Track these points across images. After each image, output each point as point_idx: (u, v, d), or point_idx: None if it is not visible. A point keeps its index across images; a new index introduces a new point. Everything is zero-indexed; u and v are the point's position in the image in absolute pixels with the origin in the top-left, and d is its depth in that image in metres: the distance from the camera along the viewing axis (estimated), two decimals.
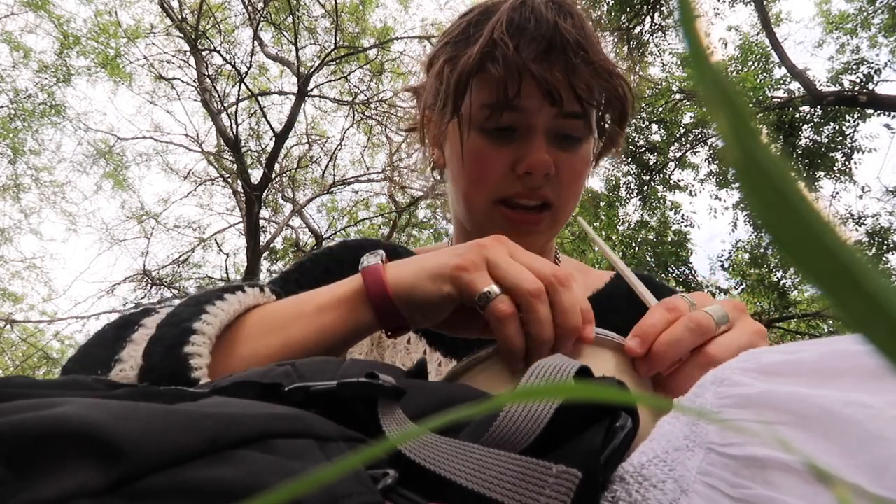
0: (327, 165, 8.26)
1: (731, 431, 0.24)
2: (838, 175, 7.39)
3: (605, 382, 0.31)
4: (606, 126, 0.73)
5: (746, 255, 8.22)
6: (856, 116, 7.05)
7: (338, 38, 6.70)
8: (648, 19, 7.39)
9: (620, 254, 8.09)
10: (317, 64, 6.69)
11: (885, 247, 6.94)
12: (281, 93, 7.87)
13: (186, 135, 7.98)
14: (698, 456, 0.25)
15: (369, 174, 8.49)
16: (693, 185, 8.26)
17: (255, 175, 6.58)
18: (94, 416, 0.20)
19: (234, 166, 6.93)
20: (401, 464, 0.25)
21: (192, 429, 0.21)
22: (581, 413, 0.28)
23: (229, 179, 7.84)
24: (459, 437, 0.27)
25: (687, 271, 7.65)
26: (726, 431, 0.25)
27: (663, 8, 7.02)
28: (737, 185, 0.07)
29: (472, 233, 0.74)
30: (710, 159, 7.89)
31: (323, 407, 0.29)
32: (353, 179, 8.47)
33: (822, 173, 7.38)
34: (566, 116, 0.65)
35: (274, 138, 6.32)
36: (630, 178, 8.08)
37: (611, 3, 7.31)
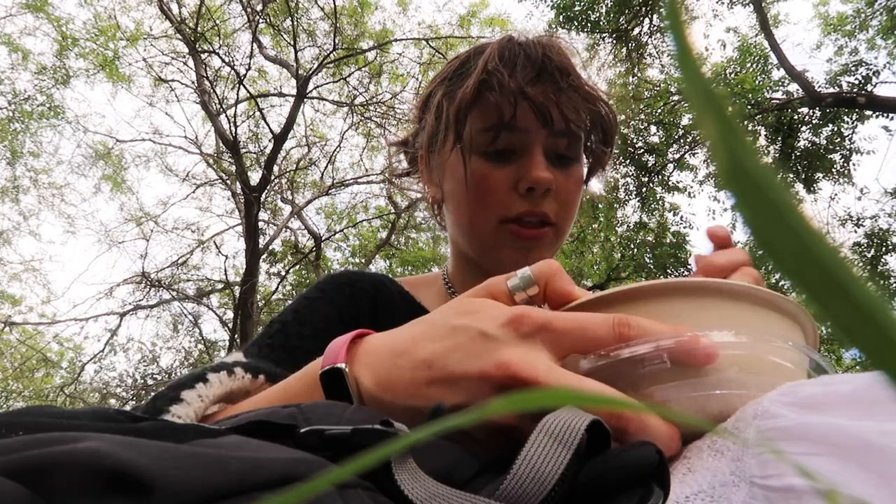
0: (326, 167, 8.26)
1: (771, 464, 0.25)
2: (837, 177, 7.41)
3: (643, 448, 0.29)
4: (593, 147, 0.77)
5: None
6: (854, 118, 7.07)
7: (336, 41, 6.70)
8: (647, 21, 7.41)
9: (619, 255, 8.10)
10: (316, 66, 6.69)
11: (883, 248, 6.95)
12: (280, 94, 7.87)
13: (185, 137, 7.99)
14: (743, 490, 0.25)
15: (368, 176, 8.50)
16: (692, 187, 8.27)
17: (255, 177, 6.58)
18: (126, 454, 0.20)
19: (233, 168, 6.93)
20: None
21: (221, 470, 0.21)
22: (610, 480, 0.28)
23: (228, 181, 7.84)
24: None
25: (686, 273, 7.66)
26: (766, 464, 0.25)
27: (661, 10, 7.03)
28: (725, 191, 0.07)
29: (477, 263, 0.76)
30: (708, 161, 7.90)
31: (333, 452, 0.29)
32: (351, 181, 8.48)
33: (820, 175, 7.39)
34: (557, 136, 0.70)
35: (273, 140, 6.32)
36: (629, 179, 8.08)
37: (609, 5, 7.33)
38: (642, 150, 7.88)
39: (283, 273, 9.05)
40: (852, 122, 7.12)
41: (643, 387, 0.35)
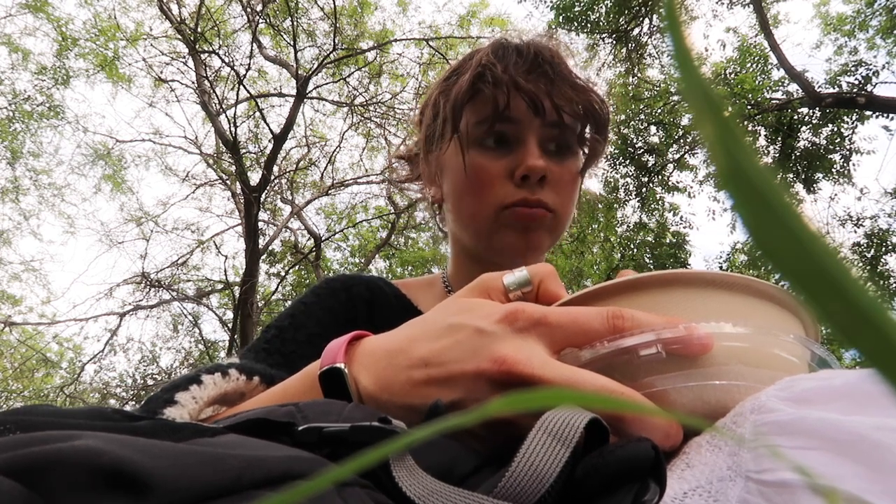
0: (326, 168, 8.26)
1: (765, 458, 0.25)
2: (837, 177, 7.41)
3: (639, 444, 0.29)
4: (588, 139, 0.78)
5: (744, 257, 8.23)
6: (854, 118, 7.06)
7: (336, 41, 6.70)
8: (646, 21, 7.41)
9: (619, 255, 8.10)
10: (315, 66, 6.69)
11: (883, 248, 6.95)
12: (280, 95, 7.87)
13: (185, 137, 7.99)
14: (739, 485, 0.25)
15: (368, 176, 8.50)
16: (692, 187, 8.27)
17: (254, 177, 6.58)
18: (123, 452, 0.20)
19: (233, 168, 6.93)
20: None
21: (219, 468, 0.21)
22: (606, 475, 0.28)
23: (228, 182, 7.84)
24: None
25: None
26: (761, 459, 0.25)
27: (661, 10, 7.03)
28: (724, 192, 0.07)
29: (478, 260, 0.77)
30: (708, 161, 7.89)
31: (331, 449, 0.29)
32: (351, 182, 8.48)
33: (820, 175, 7.39)
34: (551, 126, 0.72)
35: (273, 140, 6.32)
36: (629, 179, 8.08)
37: (609, 6, 7.33)
38: (642, 150, 7.88)
39: (282, 273, 9.05)
40: (852, 123, 7.11)
41: (640, 377, 0.35)
